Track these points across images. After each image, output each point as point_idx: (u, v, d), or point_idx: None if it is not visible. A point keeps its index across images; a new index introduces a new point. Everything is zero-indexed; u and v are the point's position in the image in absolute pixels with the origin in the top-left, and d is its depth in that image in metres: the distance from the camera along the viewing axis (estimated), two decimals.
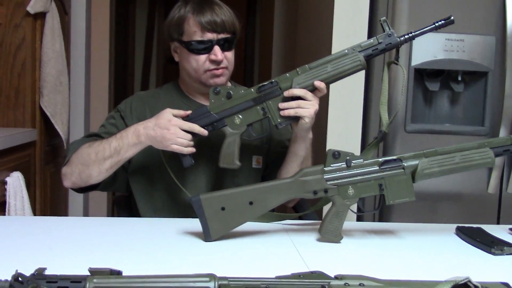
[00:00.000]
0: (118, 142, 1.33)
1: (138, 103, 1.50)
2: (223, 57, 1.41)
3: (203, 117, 1.30)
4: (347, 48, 1.27)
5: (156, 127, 1.29)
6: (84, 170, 1.36)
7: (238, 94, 1.29)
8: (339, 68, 1.26)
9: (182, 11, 1.43)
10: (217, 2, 1.44)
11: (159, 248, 1.12)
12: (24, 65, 2.35)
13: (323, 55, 1.30)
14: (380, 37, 1.25)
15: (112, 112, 1.53)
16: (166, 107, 1.42)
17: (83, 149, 1.38)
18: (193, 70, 1.43)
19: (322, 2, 2.24)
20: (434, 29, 1.25)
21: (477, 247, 1.19)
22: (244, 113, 1.29)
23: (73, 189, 1.46)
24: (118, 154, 1.33)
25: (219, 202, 1.16)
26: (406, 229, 1.32)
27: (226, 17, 1.41)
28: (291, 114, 1.27)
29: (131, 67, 5.39)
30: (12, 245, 1.09)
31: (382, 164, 1.19)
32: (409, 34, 1.25)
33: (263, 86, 1.28)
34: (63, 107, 2.55)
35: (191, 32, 1.40)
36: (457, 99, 1.98)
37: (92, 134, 1.48)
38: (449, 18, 1.25)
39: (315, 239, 1.21)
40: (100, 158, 1.34)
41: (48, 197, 2.56)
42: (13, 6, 2.32)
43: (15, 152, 2.18)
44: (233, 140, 1.29)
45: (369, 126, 2.00)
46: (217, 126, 1.30)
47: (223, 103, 1.29)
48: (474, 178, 1.93)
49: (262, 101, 1.28)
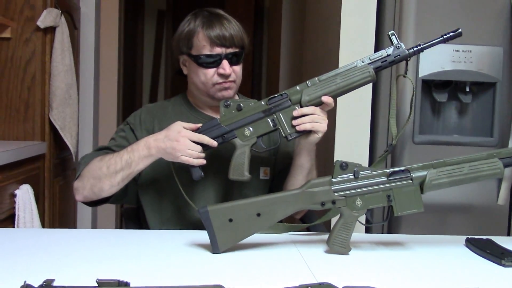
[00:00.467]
0: (129, 155, 1.34)
1: (147, 115, 1.52)
2: (231, 71, 1.42)
3: (213, 129, 1.31)
4: (356, 61, 1.27)
5: (166, 139, 1.30)
6: (96, 183, 1.37)
7: (249, 107, 1.30)
8: (349, 80, 1.26)
9: (191, 25, 1.44)
10: (226, 16, 1.46)
11: (167, 259, 1.12)
12: (34, 79, 2.38)
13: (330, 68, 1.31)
14: (388, 50, 1.26)
15: (122, 125, 1.54)
16: (174, 119, 1.43)
17: (95, 163, 1.38)
18: (201, 83, 1.45)
19: (329, 16, 2.25)
20: (442, 41, 1.26)
21: (487, 258, 1.17)
22: (254, 124, 1.30)
23: (85, 203, 1.46)
24: (130, 167, 1.34)
25: (227, 214, 1.16)
26: (415, 241, 1.32)
27: (234, 32, 1.43)
28: (307, 128, 1.28)
29: (140, 81, 5.43)
30: (21, 257, 1.09)
31: (390, 175, 1.19)
32: (418, 47, 1.26)
33: (273, 98, 1.29)
34: (72, 120, 2.57)
35: (200, 46, 1.42)
36: (465, 110, 1.97)
37: (102, 148, 1.49)
38: (457, 31, 1.25)
39: (323, 250, 1.20)
40: (112, 172, 1.35)
41: (57, 210, 2.58)
42: (24, 21, 2.35)
43: (25, 165, 2.19)
44: (243, 151, 1.30)
45: (376, 137, 2.00)
46: (227, 138, 1.30)
47: (233, 116, 1.30)
48: (484, 189, 1.92)
49: (272, 113, 1.29)
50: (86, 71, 3.06)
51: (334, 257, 1.16)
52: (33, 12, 2.35)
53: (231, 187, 1.47)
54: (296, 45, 3.50)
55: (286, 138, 1.30)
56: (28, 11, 2.35)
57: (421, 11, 1.90)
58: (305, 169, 1.41)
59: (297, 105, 1.28)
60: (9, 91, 2.36)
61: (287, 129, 1.29)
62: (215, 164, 1.42)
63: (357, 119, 1.98)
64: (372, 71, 1.26)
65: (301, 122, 1.27)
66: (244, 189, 1.47)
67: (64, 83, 2.46)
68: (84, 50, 3.03)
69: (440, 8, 1.90)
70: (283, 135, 1.30)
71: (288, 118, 1.29)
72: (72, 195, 2.98)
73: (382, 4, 1.99)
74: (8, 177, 2.02)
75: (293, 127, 1.28)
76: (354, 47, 1.98)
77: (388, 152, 1.27)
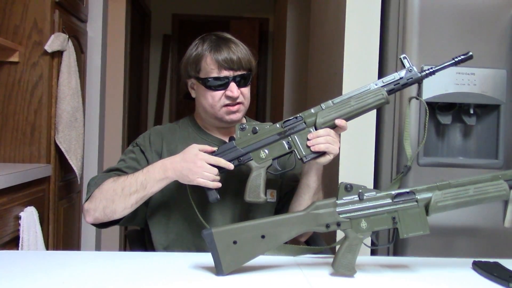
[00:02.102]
0: (145, 176, 1.34)
1: (156, 137, 1.52)
2: (239, 93, 1.44)
3: (230, 151, 1.32)
4: (370, 84, 1.29)
5: (183, 162, 1.31)
6: (109, 205, 1.36)
7: (264, 130, 1.32)
8: (363, 102, 1.28)
9: (199, 49, 1.46)
10: (233, 40, 1.47)
11: (171, 282, 1.11)
12: (41, 102, 2.40)
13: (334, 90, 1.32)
14: (401, 73, 1.28)
15: (131, 147, 1.54)
16: (182, 141, 1.44)
17: (108, 184, 1.38)
18: (209, 106, 1.46)
19: (332, 39, 2.28)
20: (453, 64, 1.27)
21: (494, 281, 1.16)
22: (269, 147, 1.31)
23: (94, 225, 1.45)
24: (144, 189, 1.34)
25: (231, 236, 1.16)
26: (422, 264, 1.30)
27: (242, 55, 1.44)
28: (322, 149, 1.29)
29: (145, 104, 5.47)
30: (25, 280, 1.09)
31: (395, 197, 1.18)
32: (430, 69, 1.28)
33: (288, 121, 1.31)
34: (78, 143, 2.58)
35: (208, 69, 1.44)
36: (470, 132, 1.97)
37: (112, 169, 1.48)
38: (468, 53, 1.27)
39: (328, 273, 1.19)
40: (126, 193, 1.34)
41: (61, 232, 2.57)
42: (32, 45, 2.38)
43: (30, 187, 2.20)
44: (259, 174, 1.31)
45: (381, 158, 2.00)
46: (243, 160, 1.32)
47: (249, 138, 1.32)
48: (490, 211, 1.91)
49: (288, 135, 1.31)
50: (92, 95, 3.08)
51: (340, 280, 1.15)
52: (41, 36, 2.38)
53: (237, 210, 1.47)
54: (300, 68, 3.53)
55: (302, 160, 1.32)
56: (36, 36, 2.39)
57: (424, 34, 1.92)
58: (311, 189, 1.42)
59: (312, 127, 1.30)
60: (16, 114, 2.38)
61: (302, 151, 1.30)
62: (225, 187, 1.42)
63: (362, 139, 1.98)
64: (386, 94, 1.27)
65: (316, 143, 1.29)
66: (251, 212, 1.47)
67: (70, 106, 2.48)
68: (91, 74, 3.06)
69: (443, 30, 1.92)
70: (299, 157, 1.31)
71: (303, 140, 1.30)
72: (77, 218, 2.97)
73: (385, 27, 2.01)
74: (13, 199, 2.02)
75: (308, 149, 1.30)
76: (358, 70, 2.00)
77: (404, 173, 1.28)
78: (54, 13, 2.43)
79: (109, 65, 3.27)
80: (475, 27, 1.92)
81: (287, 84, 3.68)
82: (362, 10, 2.00)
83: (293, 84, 3.65)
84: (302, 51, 3.45)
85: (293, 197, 1.46)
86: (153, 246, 1.49)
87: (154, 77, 5.69)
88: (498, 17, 1.91)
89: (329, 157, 1.32)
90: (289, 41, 3.68)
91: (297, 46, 3.63)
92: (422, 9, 1.92)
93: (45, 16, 2.38)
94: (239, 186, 1.40)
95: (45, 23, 2.39)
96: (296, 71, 3.63)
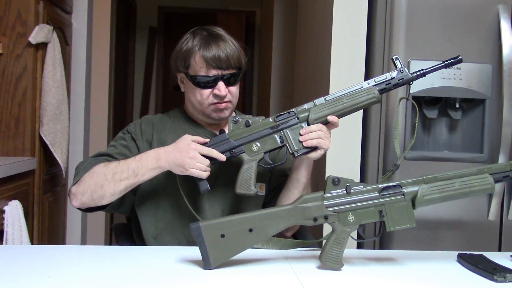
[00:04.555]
0: (137, 164, 1.34)
1: (147, 126, 1.51)
2: (226, 92, 1.43)
3: (222, 143, 1.32)
4: (362, 83, 1.31)
5: (176, 151, 1.31)
6: (97, 190, 1.35)
7: (257, 123, 1.33)
8: (355, 100, 1.30)
9: (189, 44, 1.45)
10: (223, 37, 1.46)
11: (158, 276, 1.10)
12: (25, 95, 2.37)
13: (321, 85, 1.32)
14: (392, 73, 1.31)
15: (121, 134, 1.53)
16: (173, 131, 1.46)
17: (98, 169, 1.36)
18: (197, 102, 1.46)
19: (319, 33, 2.28)
20: (444, 66, 1.31)
21: (479, 274, 1.18)
22: (262, 140, 1.32)
23: (80, 209, 1.44)
24: (135, 176, 1.34)
25: (219, 229, 1.16)
26: (408, 257, 1.32)
27: (231, 53, 1.43)
28: (314, 144, 1.30)
29: (131, 97, 5.44)
30: (9, 275, 1.08)
31: (382, 191, 1.19)
32: (421, 71, 1.30)
33: (281, 115, 1.33)
34: (63, 136, 2.55)
35: (197, 68, 1.43)
36: (456, 126, 1.99)
37: (103, 154, 1.46)
38: (458, 57, 1.31)
39: (315, 266, 1.20)
40: (117, 179, 1.34)
41: (46, 226, 2.55)
42: (15, 37, 2.35)
43: (14, 181, 2.17)
44: (250, 166, 1.32)
45: (368, 152, 2.01)
46: (235, 153, 1.32)
47: (241, 131, 1.33)
48: (475, 205, 1.93)
49: (280, 129, 1.32)
50: (77, 87, 3.05)
51: (327, 273, 1.16)
52: (25, 28, 2.35)
53: (225, 202, 1.47)
54: (287, 62, 3.52)
55: (293, 155, 1.33)
56: (20, 27, 2.35)
57: (411, 30, 1.92)
58: (301, 183, 1.43)
59: (304, 122, 1.32)
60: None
61: (294, 145, 1.32)
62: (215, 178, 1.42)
63: (349, 135, 1.99)
64: (377, 93, 1.30)
65: (308, 138, 1.30)
66: (241, 204, 1.47)
67: (55, 99, 2.45)
68: (76, 66, 3.03)
69: (430, 26, 1.93)
70: (290, 152, 1.32)
71: (295, 135, 1.31)
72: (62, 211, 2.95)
73: (372, 22, 2.01)
74: None
75: (300, 144, 1.31)
76: (345, 64, 2.00)
77: (393, 172, 1.29)
78: (38, 4, 2.39)
79: (95, 57, 3.24)
80: (461, 22, 1.93)
81: (274, 78, 3.67)
82: (350, 4, 2.01)
83: (280, 78, 3.64)
84: (289, 44, 3.45)
85: (282, 191, 1.47)
86: (140, 238, 1.49)
87: (140, 70, 5.65)
88: (484, 12, 1.93)
89: (320, 152, 1.33)
90: (276, 35, 3.68)
91: (284, 39, 3.63)
92: (409, 4, 1.92)
93: (29, 7, 2.35)
94: (229, 178, 1.40)
95: (29, 14, 2.35)
96: (283, 65, 3.63)
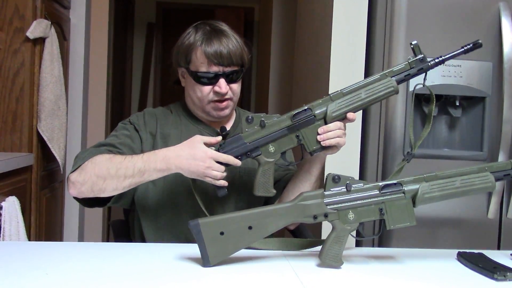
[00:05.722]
0: (144, 164, 1.29)
1: (150, 118, 1.49)
2: (227, 89, 1.41)
3: (237, 146, 1.28)
4: (380, 74, 1.26)
5: (191, 159, 1.26)
6: (98, 182, 1.30)
7: (272, 122, 1.28)
8: (373, 94, 1.26)
9: (191, 38, 1.42)
10: (226, 33, 1.43)
11: (156, 274, 1.10)
12: (23, 90, 2.35)
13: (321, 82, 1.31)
14: (412, 63, 1.26)
15: (123, 124, 1.49)
16: (175, 126, 1.45)
17: (102, 161, 1.31)
18: (197, 98, 1.44)
19: (319, 28, 2.27)
20: (463, 52, 1.26)
21: (479, 272, 1.17)
22: (279, 141, 1.28)
23: (77, 199, 1.39)
24: (141, 176, 1.29)
25: (218, 227, 1.15)
26: (407, 255, 1.31)
27: (234, 49, 1.40)
28: (332, 143, 1.28)
29: (129, 92, 5.42)
30: (6, 271, 1.07)
31: (382, 189, 1.18)
32: (439, 58, 1.25)
33: (297, 114, 1.27)
34: (61, 132, 2.54)
35: (198, 63, 1.41)
36: (455, 124, 1.98)
37: (105, 144, 1.42)
38: (477, 42, 1.26)
39: (315, 264, 1.19)
40: (121, 175, 1.29)
41: (43, 223, 2.54)
42: (13, 32, 2.33)
43: (11, 177, 2.16)
44: (268, 168, 1.29)
45: (367, 149, 2.00)
46: (251, 155, 1.28)
47: (257, 132, 1.28)
48: (474, 203, 1.93)
49: (297, 129, 1.28)
50: (75, 83, 3.04)
51: (327, 271, 1.15)
52: (22, 22, 2.33)
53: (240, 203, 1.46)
54: (286, 58, 3.51)
55: (311, 154, 1.30)
56: (17, 22, 2.33)
57: (412, 28, 1.91)
58: (313, 176, 1.41)
59: (321, 120, 1.28)
60: None
61: (312, 145, 1.28)
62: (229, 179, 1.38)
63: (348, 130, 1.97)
64: (396, 85, 1.25)
65: (327, 138, 1.27)
66: (241, 202, 1.47)
67: (53, 94, 2.44)
68: (74, 61, 3.01)
69: (430, 23, 1.92)
70: (308, 151, 1.29)
71: (313, 134, 1.28)
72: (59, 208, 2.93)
73: (372, 17, 2.00)
74: None
75: (318, 143, 1.28)
76: (345, 61, 1.99)
77: (408, 160, 1.27)
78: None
79: (93, 52, 3.22)
80: (462, 19, 1.92)
81: (273, 75, 3.66)
82: (350, 2, 1.99)
83: (278, 74, 3.63)
84: (288, 41, 3.43)
85: (291, 184, 1.44)
86: (138, 235, 1.48)
87: (138, 66, 5.63)
88: (484, 10, 1.92)
89: (337, 149, 1.32)
90: (274, 31, 3.66)
91: (283, 36, 3.61)
92: (410, 2, 1.91)
93: (27, 2, 2.33)
94: (243, 178, 1.40)
95: (26, 9, 2.33)
96: (282, 62, 3.61)
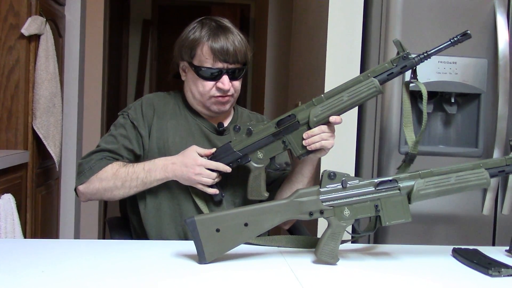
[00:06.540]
0: (146, 175, 1.38)
1: (148, 108, 1.48)
2: (230, 86, 1.42)
3: (227, 154, 1.35)
4: (362, 74, 1.25)
5: (183, 166, 1.35)
6: (107, 194, 1.41)
7: (258, 129, 1.32)
8: (355, 96, 1.25)
9: (197, 34, 1.42)
10: (232, 30, 1.44)
11: (153, 270, 1.10)
12: (18, 87, 2.34)
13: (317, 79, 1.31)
14: (394, 61, 1.24)
15: (121, 120, 1.49)
16: (174, 117, 1.46)
17: (108, 177, 1.38)
18: (199, 93, 1.44)
19: (315, 26, 2.27)
20: (451, 45, 1.23)
21: (474, 269, 1.18)
22: (266, 148, 1.33)
23: None
24: (144, 185, 1.39)
25: (214, 224, 1.15)
26: (402, 251, 1.32)
27: (239, 46, 1.42)
28: (317, 147, 1.30)
29: (124, 89, 5.40)
30: (2, 269, 1.07)
31: (378, 185, 1.19)
32: (424, 54, 1.23)
33: (281, 121, 1.31)
34: (56, 129, 2.53)
35: (203, 58, 1.41)
36: (451, 121, 1.99)
37: (105, 150, 1.43)
38: (466, 32, 1.22)
39: (311, 261, 1.19)
40: (126, 187, 1.39)
41: (39, 220, 2.53)
42: (8, 28, 2.32)
43: (7, 174, 2.15)
44: (259, 173, 1.34)
45: (363, 146, 2.01)
46: (242, 162, 1.35)
47: (244, 140, 1.33)
48: (469, 199, 1.93)
49: (282, 135, 1.31)
50: (71, 80, 3.02)
51: (323, 267, 1.16)
52: (17, 19, 2.32)
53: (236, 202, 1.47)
54: (282, 55, 3.51)
55: (298, 158, 1.33)
56: (12, 19, 2.32)
57: (407, 25, 1.92)
58: (305, 177, 1.43)
59: (305, 125, 1.29)
60: None
61: (298, 150, 1.31)
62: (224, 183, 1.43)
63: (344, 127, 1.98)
64: (378, 85, 1.23)
65: (311, 142, 1.29)
66: (237, 199, 1.47)
67: (48, 91, 2.43)
68: (69, 58, 3.00)
69: (426, 20, 1.92)
70: (295, 155, 1.33)
71: (298, 139, 1.30)
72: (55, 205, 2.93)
73: (368, 15, 2.00)
74: None
75: (304, 148, 1.30)
76: (341, 58, 1.99)
77: (406, 161, 1.28)
78: None
79: (88, 49, 3.21)
80: (457, 16, 1.92)
81: (268, 72, 3.65)
82: None
83: (274, 71, 3.63)
84: (284, 38, 3.43)
85: (284, 184, 1.46)
86: (137, 231, 1.48)
87: (133, 63, 5.61)
88: (480, 7, 1.92)
89: (325, 151, 1.34)
90: (271, 28, 3.65)
91: (279, 33, 3.61)
92: None
93: None
94: (237, 182, 1.44)
95: (21, 6, 2.32)
96: (277, 59, 3.61)
